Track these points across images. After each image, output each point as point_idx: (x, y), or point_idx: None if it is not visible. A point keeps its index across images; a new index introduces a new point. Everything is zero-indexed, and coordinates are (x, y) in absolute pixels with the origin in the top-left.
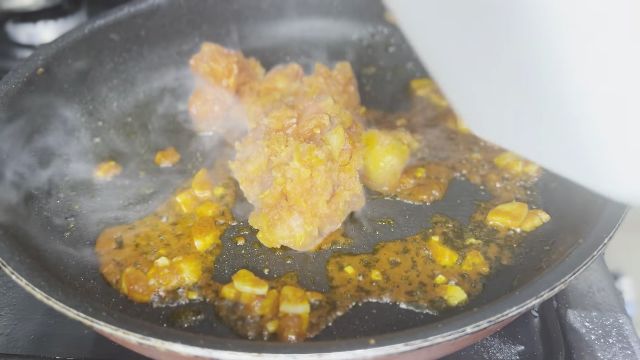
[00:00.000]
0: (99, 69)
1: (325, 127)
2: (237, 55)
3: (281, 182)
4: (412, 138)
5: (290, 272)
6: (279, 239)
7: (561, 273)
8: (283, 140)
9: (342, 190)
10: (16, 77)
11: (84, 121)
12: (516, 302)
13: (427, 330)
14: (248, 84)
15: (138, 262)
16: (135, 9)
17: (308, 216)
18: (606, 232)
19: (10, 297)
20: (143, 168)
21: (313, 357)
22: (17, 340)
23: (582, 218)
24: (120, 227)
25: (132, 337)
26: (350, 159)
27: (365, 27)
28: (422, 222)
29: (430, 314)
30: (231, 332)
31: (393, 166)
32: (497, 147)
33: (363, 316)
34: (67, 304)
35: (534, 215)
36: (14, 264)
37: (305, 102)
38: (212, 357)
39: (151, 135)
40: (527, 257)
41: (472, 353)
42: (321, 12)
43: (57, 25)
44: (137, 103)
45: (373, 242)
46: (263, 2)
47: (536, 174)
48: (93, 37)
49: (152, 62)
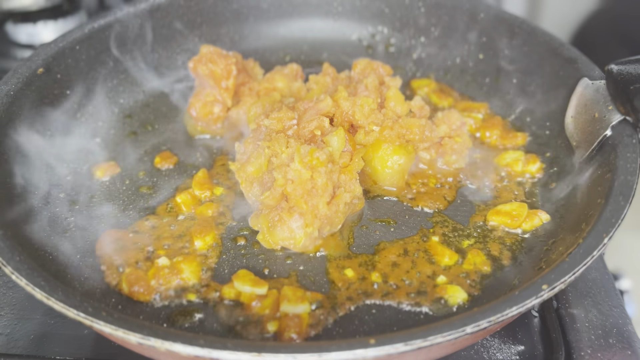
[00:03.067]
0: (99, 69)
1: (325, 129)
2: (236, 57)
3: (282, 184)
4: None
5: (290, 272)
6: (279, 240)
7: (561, 273)
8: (284, 141)
9: (342, 192)
10: (16, 77)
11: (84, 121)
12: (516, 302)
13: (427, 330)
14: (247, 85)
15: (138, 262)
16: (135, 9)
17: (308, 217)
18: (606, 232)
19: (10, 297)
20: (143, 168)
21: (313, 357)
22: (17, 340)
23: (582, 218)
24: (120, 227)
25: (132, 337)
26: (351, 160)
27: (365, 27)
28: (422, 222)
29: (430, 314)
30: (231, 332)
31: (400, 166)
32: (497, 147)
33: (363, 316)
34: (67, 304)
35: (534, 215)
36: (14, 264)
37: (305, 104)
38: (212, 357)
39: (151, 135)
40: (527, 257)
41: (472, 353)
42: (321, 12)
43: (57, 25)
44: (137, 103)
45: (373, 242)
46: (263, 2)
47: (536, 174)
48: (93, 37)
49: (152, 62)
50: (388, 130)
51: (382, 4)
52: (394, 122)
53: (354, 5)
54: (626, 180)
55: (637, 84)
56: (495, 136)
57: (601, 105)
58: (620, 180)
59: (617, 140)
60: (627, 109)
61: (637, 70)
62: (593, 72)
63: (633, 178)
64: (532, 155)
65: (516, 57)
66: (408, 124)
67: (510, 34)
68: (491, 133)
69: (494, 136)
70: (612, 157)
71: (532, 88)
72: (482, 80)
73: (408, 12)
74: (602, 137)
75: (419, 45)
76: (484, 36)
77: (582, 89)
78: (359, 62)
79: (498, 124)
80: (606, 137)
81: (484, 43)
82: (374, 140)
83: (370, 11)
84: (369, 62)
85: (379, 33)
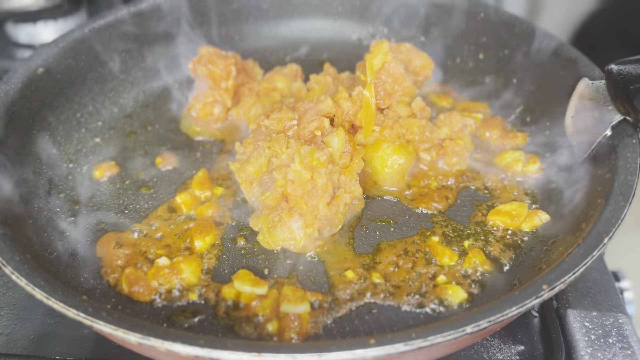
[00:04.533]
0: (99, 69)
1: (326, 130)
2: (235, 57)
3: (282, 184)
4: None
5: (290, 272)
6: (280, 241)
7: (561, 273)
8: (284, 142)
9: (342, 192)
10: (16, 77)
11: (84, 121)
12: (516, 302)
13: (427, 330)
14: (247, 85)
15: (138, 262)
16: (135, 9)
17: (308, 218)
18: (606, 232)
19: (10, 297)
20: (143, 168)
21: (313, 357)
22: (17, 340)
23: (582, 218)
24: (120, 227)
25: (132, 337)
26: (351, 161)
27: (365, 27)
28: (422, 222)
29: (430, 314)
30: (231, 332)
31: (400, 166)
32: (497, 147)
33: (363, 316)
34: (67, 304)
35: (534, 215)
36: (14, 264)
37: (305, 104)
38: (212, 357)
39: (151, 135)
40: (527, 257)
41: (472, 353)
42: (321, 12)
43: (57, 25)
44: (137, 103)
45: (373, 242)
46: (263, 2)
47: (536, 174)
48: (93, 37)
49: (152, 62)
50: (388, 129)
51: (382, 4)
52: (394, 122)
53: (354, 5)
54: (626, 180)
55: (637, 84)
56: (495, 136)
57: (601, 105)
58: (620, 180)
59: (617, 140)
60: (627, 109)
61: (637, 70)
62: (593, 72)
63: (633, 178)
64: (532, 155)
65: (516, 57)
66: (408, 124)
67: (510, 34)
68: (491, 133)
69: (494, 136)
70: (612, 157)
71: (532, 88)
72: (482, 80)
73: (408, 12)
74: (602, 137)
75: (419, 45)
76: (484, 36)
77: (582, 89)
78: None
79: (498, 124)
80: (606, 137)
81: (484, 43)
82: (374, 140)
83: (370, 11)
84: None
85: (379, 33)
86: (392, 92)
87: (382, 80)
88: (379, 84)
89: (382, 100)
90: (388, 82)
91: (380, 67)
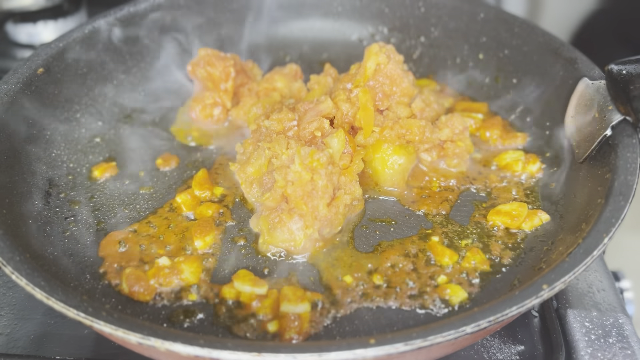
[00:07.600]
0: (99, 69)
1: (326, 131)
2: (234, 58)
3: (282, 185)
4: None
5: (290, 272)
6: (279, 242)
7: (561, 273)
8: (284, 142)
9: (342, 193)
10: (16, 77)
11: (84, 121)
12: (516, 302)
13: (427, 330)
14: (247, 86)
15: (138, 262)
16: (135, 9)
17: (308, 219)
18: (606, 232)
19: (10, 297)
20: (143, 168)
21: (313, 357)
22: (17, 340)
23: (582, 218)
24: (120, 227)
25: (132, 337)
26: (351, 162)
27: (365, 27)
28: (422, 222)
29: (430, 313)
30: (231, 332)
31: (401, 166)
32: (497, 147)
33: (363, 316)
34: (67, 304)
35: (534, 215)
36: (14, 264)
37: (305, 105)
38: (212, 357)
39: (151, 135)
40: (527, 257)
41: (472, 353)
42: (321, 12)
43: (57, 25)
44: (137, 103)
45: (373, 242)
46: (263, 2)
47: (536, 174)
48: (93, 37)
49: (152, 62)
50: (388, 130)
51: (382, 4)
52: (394, 123)
53: (354, 5)
54: (626, 180)
55: (637, 84)
56: (495, 136)
57: (601, 105)
58: (620, 180)
59: (617, 140)
60: (627, 109)
61: (637, 70)
62: (593, 72)
63: (633, 178)
64: (532, 155)
65: (516, 57)
66: (408, 125)
67: (510, 34)
68: (491, 133)
69: (494, 136)
70: (612, 157)
71: (532, 88)
72: (482, 80)
73: (408, 12)
74: (602, 137)
75: (419, 45)
76: (483, 36)
77: (582, 89)
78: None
79: (498, 124)
80: (606, 137)
81: (483, 43)
82: (374, 141)
83: (370, 11)
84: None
85: (379, 33)
86: (390, 93)
87: (379, 82)
88: (377, 86)
89: (380, 101)
90: (386, 83)
91: (374, 69)
